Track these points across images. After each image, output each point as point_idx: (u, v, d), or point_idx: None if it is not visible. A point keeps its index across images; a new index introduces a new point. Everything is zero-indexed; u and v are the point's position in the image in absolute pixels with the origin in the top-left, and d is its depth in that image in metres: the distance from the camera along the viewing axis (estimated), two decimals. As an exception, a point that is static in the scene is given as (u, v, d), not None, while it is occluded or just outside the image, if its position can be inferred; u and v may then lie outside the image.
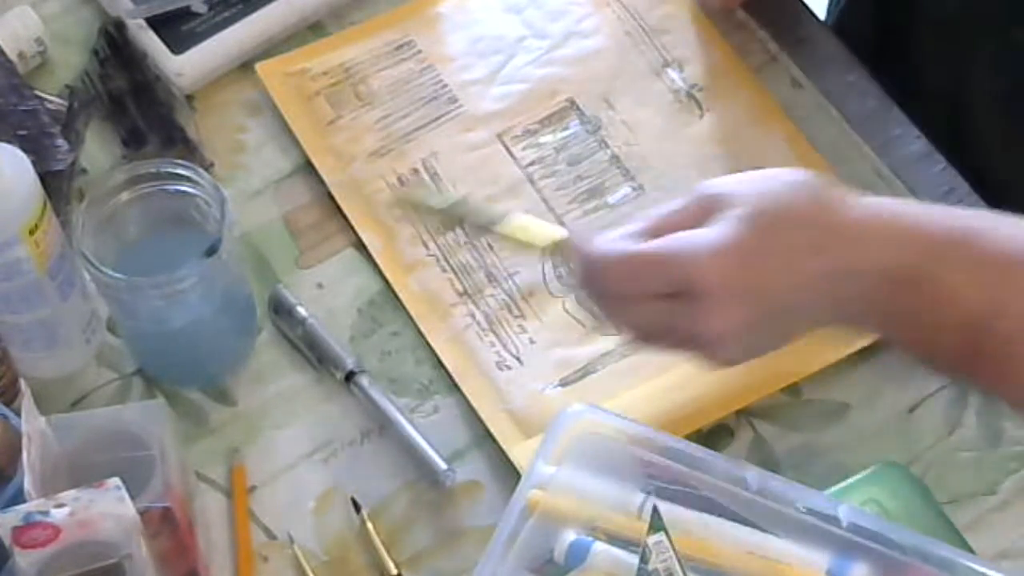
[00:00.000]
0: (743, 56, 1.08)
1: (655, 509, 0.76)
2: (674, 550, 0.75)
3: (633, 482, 0.80)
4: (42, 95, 1.05)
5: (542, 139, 1.05)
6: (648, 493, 0.79)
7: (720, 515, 0.79)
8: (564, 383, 0.95)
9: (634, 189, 1.03)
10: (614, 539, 0.79)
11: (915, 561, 0.77)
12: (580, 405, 0.81)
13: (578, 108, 1.06)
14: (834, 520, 0.78)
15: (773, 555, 0.78)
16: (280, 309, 0.98)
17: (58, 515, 0.78)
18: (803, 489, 0.79)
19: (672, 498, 0.79)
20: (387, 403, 0.95)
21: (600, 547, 0.79)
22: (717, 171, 1.02)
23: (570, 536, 0.79)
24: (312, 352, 0.97)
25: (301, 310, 0.98)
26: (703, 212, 0.81)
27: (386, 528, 0.91)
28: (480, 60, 1.09)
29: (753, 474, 0.79)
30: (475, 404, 0.95)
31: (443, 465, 0.92)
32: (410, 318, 0.99)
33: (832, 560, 0.78)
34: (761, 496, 0.79)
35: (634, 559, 0.76)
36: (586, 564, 0.78)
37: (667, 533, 0.75)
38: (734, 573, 0.78)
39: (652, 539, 0.75)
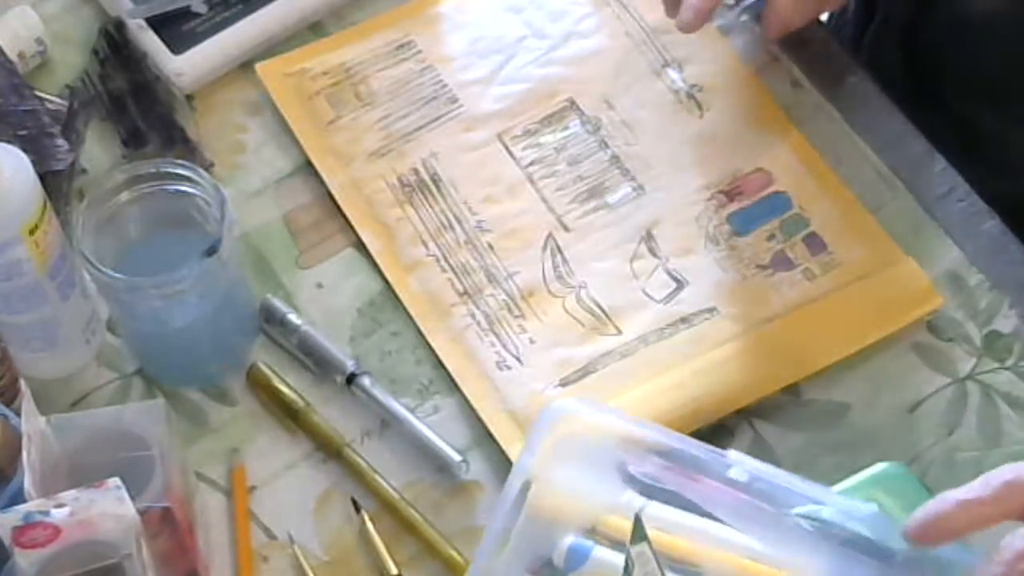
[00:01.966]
0: (743, 56, 1.08)
1: (637, 518, 0.75)
2: (657, 561, 0.75)
3: (628, 482, 0.80)
4: (42, 95, 1.05)
5: (542, 139, 1.05)
6: (647, 497, 0.79)
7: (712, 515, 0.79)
8: (564, 383, 0.95)
9: (634, 189, 1.03)
10: (616, 543, 0.79)
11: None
12: (564, 401, 0.81)
13: (578, 108, 1.06)
14: (829, 524, 0.78)
15: (766, 561, 0.78)
16: (272, 319, 0.98)
17: (58, 515, 0.78)
18: (791, 479, 0.79)
19: (668, 500, 0.79)
20: (392, 401, 0.95)
21: (600, 552, 0.78)
22: (717, 171, 1.03)
23: (568, 539, 0.79)
24: (310, 358, 0.97)
25: (293, 318, 0.98)
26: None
27: (386, 528, 0.91)
28: (480, 60, 1.09)
29: (740, 462, 0.79)
30: (475, 404, 0.95)
31: (457, 457, 0.92)
32: (410, 318, 0.99)
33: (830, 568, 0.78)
34: (753, 486, 0.78)
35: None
36: (585, 568, 0.78)
37: (650, 544, 0.75)
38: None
39: (635, 549, 0.75)
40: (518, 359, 0.96)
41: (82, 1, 1.13)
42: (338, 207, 1.03)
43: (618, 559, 0.78)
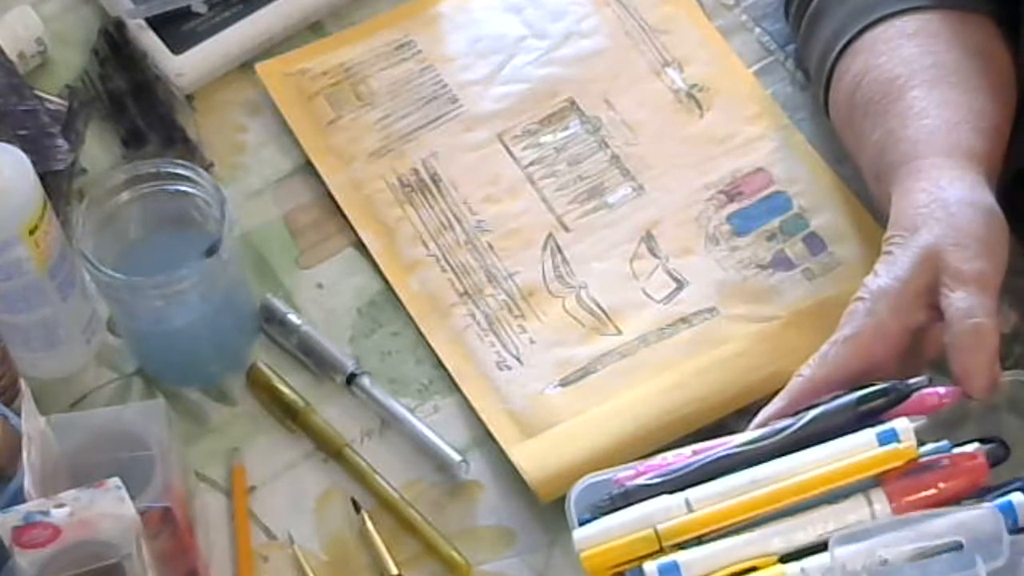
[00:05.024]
0: (743, 56, 1.08)
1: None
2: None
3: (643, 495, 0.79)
4: (42, 95, 1.05)
5: (542, 139, 1.05)
6: (675, 490, 0.78)
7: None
8: (564, 383, 0.95)
9: (634, 189, 1.03)
10: (686, 544, 0.77)
11: None
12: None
13: (578, 108, 1.06)
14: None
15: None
16: (272, 319, 0.98)
17: (58, 515, 0.78)
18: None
19: (691, 479, 0.78)
20: (392, 401, 0.95)
21: (686, 558, 0.77)
22: (717, 171, 1.03)
23: (650, 566, 0.76)
24: (310, 358, 0.97)
25: (293, 318, 0.98)
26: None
27: (386, 528, 0.91)
28: (480, 60, 1.09)
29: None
30: (475, 404, 0.95)
31: (457, 457, 0.92)
32: (410, 318, 0.99)
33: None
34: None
35: (714, 546, 0.75)
36: None
37: (793, 556, 0.75)
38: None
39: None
40: (518, 359, 0.96)
41: (82, 1, 1.13)
42: (338, 207, 1.03)
43: (703, 553, 0.76)
